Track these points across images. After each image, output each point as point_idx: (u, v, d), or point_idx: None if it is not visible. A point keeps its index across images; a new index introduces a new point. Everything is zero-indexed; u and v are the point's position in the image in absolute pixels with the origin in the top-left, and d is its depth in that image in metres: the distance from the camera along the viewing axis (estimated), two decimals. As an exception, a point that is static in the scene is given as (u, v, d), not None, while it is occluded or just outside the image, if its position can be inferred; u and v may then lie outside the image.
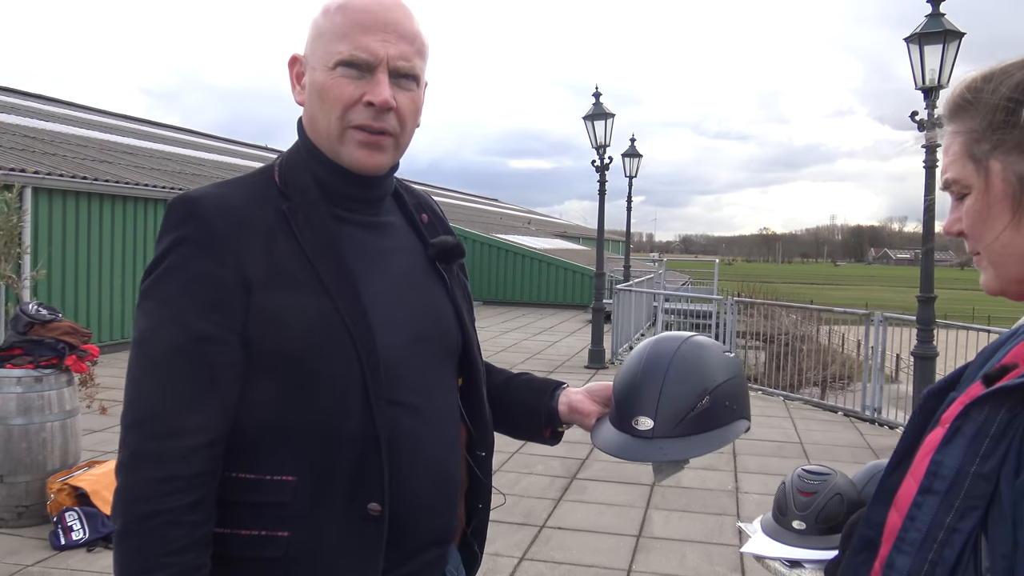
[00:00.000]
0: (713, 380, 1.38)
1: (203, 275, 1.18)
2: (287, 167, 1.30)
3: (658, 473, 1.46)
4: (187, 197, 1.23)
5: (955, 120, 0.96)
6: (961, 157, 0.95)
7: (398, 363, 1.26)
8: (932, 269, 7.45)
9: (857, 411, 8.63)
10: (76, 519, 4.43)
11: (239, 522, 1.21)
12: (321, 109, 1.26)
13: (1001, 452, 0.82)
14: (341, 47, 1.23)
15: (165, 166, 15.33)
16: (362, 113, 1.25)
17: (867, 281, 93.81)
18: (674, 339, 1.44)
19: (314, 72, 1.26)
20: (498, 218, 34.07)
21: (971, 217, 0.95)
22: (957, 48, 7.13)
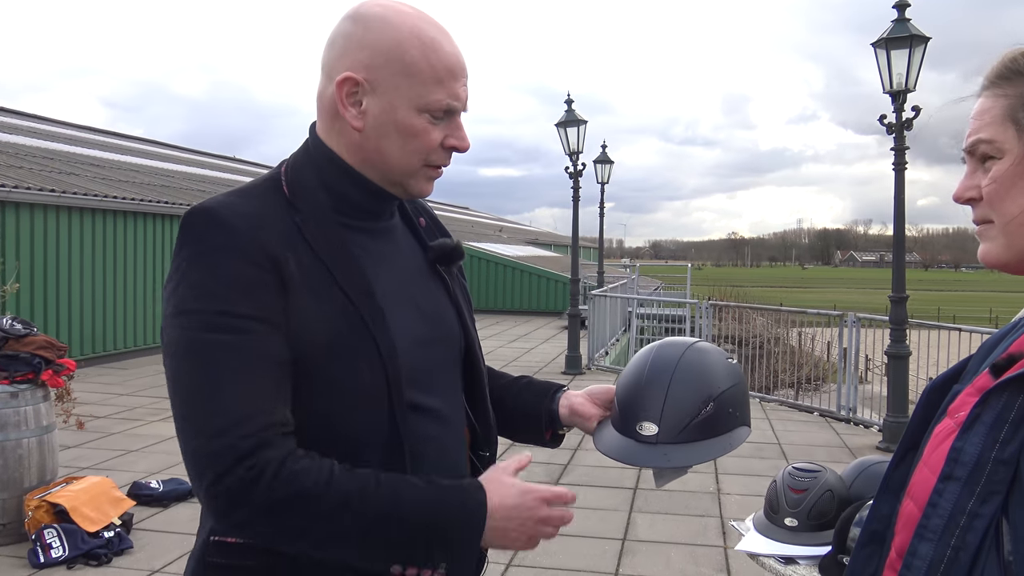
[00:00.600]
0: (717, 387, 1.39)
1: (242, 277, 1.16)
2: (295, 177, 1.29)
3: (659, 479, 1.47)
4: (204, 207, 1.21)
5: (1002, 84, 0.96)
6: (1002, 120, 0.94)
7: (413, 366, 1.27)
8: (904, 269, 7.57)
9: (832, 411, 8.73)
10: (55, 536, 4.36)
11: None
12: (402, 147, 1.26)
13: (1020, 437, 0.84)
14: (439, 95, 1.24)
15: (133, 178, 15.14)
16: (441, 155, 1.29)
17: (834, 283, 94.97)
18: (679, 345, 1.45)
19: (395, 109, 1.24)
20: (470, 226, 34.05)
21: (999, 182, 0.94)
22: (923, 52, 7.26)
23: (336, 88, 1.25)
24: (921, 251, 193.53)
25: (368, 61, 1.23)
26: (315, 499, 1.11)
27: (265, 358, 1.15)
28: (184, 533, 4.80)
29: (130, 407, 8.59)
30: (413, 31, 1.24)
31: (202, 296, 1.14)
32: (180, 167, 20.27)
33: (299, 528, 1.12)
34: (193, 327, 1.14)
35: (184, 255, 1.18)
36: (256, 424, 1.12)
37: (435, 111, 1.25)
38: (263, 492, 1.09)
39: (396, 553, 1.15)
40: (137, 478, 5.67)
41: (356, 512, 1.12)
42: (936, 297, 56.49)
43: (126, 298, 12.21)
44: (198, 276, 1.16)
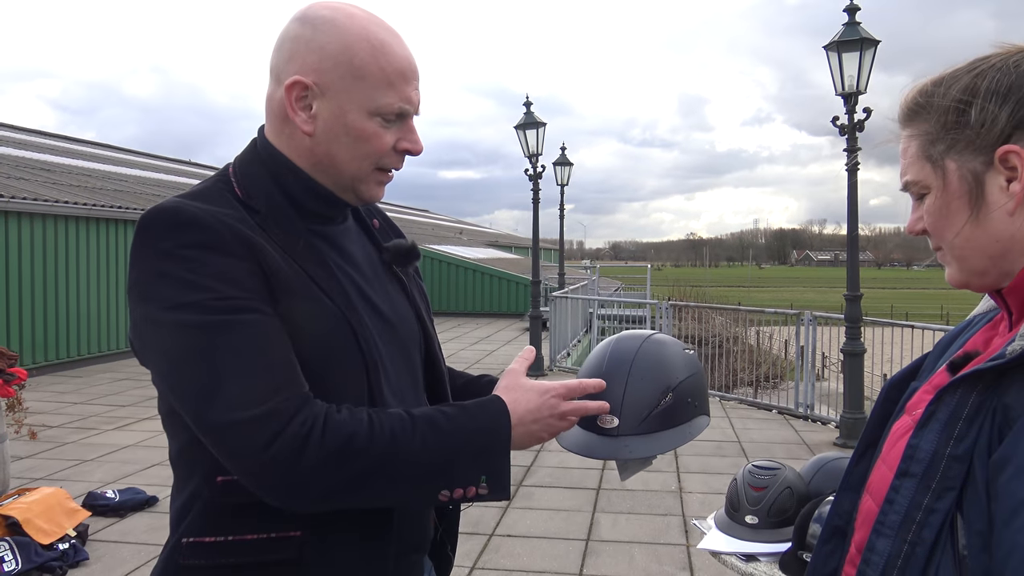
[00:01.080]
0: (675, 377, 1.40)
1: (226, 269, 1.13)
2: (246, 180, 1.28)
3: (623, 472, 1.47)
4: (167, 207, 1.18)
5: (910, 124, 1.01)
6: (918, 159, 0.99)
7: (383, 366, 1.27)
8: (857, 268, 7.71)
9: (791, 408, 8.86)
10: (7, 549, 4.24)
11: (248, 526, 1.18)
12: (353, 151, 1.25)
13: (974, 434, 0.86)
14: (389, 98, 1.23)
15: (84, 182, 14.84)
16: (394, 158, 1.29)
17: (791, 282, 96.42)
18: (636, 337, 1.46)
19: (345, 113, 1.23)
20: (430, 229, 33.96)
21: (932, 215, 0.99)
22: (873, 55, 7.41)
23: (285, 92, 1.23)
24: (874, 250, 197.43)
25: (317, 65, 1.22)
26: (365, 445, 1.11)
27: (279, 332, 1.14)
28: (141, 543, 4.71)
29: (84, 416, 8.41)
30: (362, 34, 1.23)
31: (193, 289, 1.12)
32: (133, 171, 19.92)
33: (355, 477, 1.11)
34: (197, 315, 1.11)
35: (153, 255, 1.15)
36: (293, 387, 1.12)
37: (386, 115, 1.25)
38: (316, 447, 1.09)
39: (443, 480, 1.16)
40: (92, 488, 5.55)
41: (404, 449, 1.13)
42: (889, 295, 57.70)
43: (79, 305, 11.96)
44: (180, 272, 1.13)
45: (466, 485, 1.17)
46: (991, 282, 0.99)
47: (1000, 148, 0.92)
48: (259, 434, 1.08)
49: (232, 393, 1.09)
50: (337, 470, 1.10)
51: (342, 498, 1.14)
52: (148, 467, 6.30)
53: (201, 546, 1.19)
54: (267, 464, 1.08)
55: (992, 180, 0.93)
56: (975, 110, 0.93)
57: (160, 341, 1.14)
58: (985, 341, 1.04)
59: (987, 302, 1.11)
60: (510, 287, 22.29)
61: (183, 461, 1.24)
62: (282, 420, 1.08)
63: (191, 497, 1.22)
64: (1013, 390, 0.84)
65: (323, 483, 1.10)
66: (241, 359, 1.10)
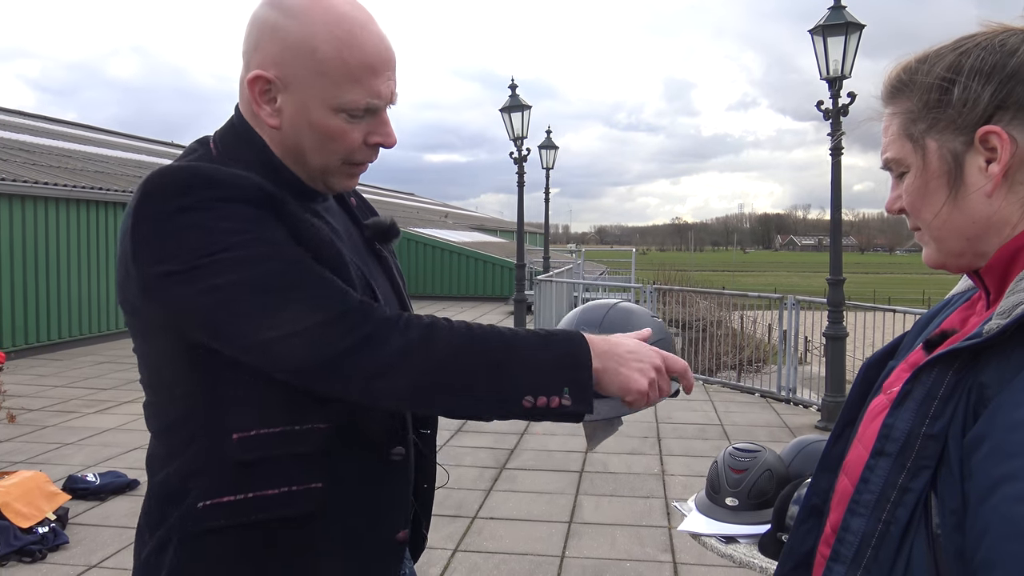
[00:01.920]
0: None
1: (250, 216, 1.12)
2: (228, 154, 1.24)
3: (590, 440, 1.47)
4: (180, 167, 1.16)
5: (892, 101, 1.00)
6: (899, 137, 0.98)
7: None
8: (841, 253, 7.75)
9: (773, 392, 8.92)
10: (-14, 534, 4.22)
11: (267, 481, 1.17)
12: (320, 147, 1.22)
13: (949, 413, 0.85)
14: (353, 95, 1.18)
15: (65, 163, 14.67)
16: (365, 152, 1.25)
17: (775, 267, 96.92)
18: (602, 305, 1.47)
19: (309, 109, 1.19)
20: (415, 212, 33.85)
21: (911, 195, 0.98)
22: (858, 40, 7.41)
23: (248, 86, 1.20)
24: (857, 235, 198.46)
25: (278, 58, 1.18)
26: (447, 336, 1.11)
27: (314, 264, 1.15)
28: (122, 527, 4.69)
29: (65, 399, 8.35)
30: (328, 25, 1.17)
31: (229, 233, 1.10)
32: (115, 152, 19.71)
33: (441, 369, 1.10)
34: (242, 251, 1.09)
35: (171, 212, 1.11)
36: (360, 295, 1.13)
37: (352, 111, 1.20)
38: (400, 334, 1.09)
39: (526, 381, 1.12)
40: (72, 471, 5.52)
41: (481, 345, 1.12)
42: (872, 280, 58.09)
43: (59, 287, 11.85)
44: (211, 222, 1.10)
45: (549, 393, 1.12)
46: (967, 263, 0.98)
47: (981, 128, 0.91)
48: (342, 327, 1.08)
49: (305, 300, 1.09)
50: (422, 357, 1.09)
51: (424, 391, 1.11)
52: (129, 450, 6.27)
53: (219, 507, 1.17)
54: (355, 351, 1.08)
55: (972, 161, 0.93)
56: (958, 88, 0.92)
57: (205, 287, 1.09)
58: (962, 320, 1.04)
59: (965, 282, 1.11)
60: (495, 271, 22.28)
61: (178, 431, 1.21)
62: (365, 313, 1.10)
63: (192, 464, 1.19)
64: (989, 369, 0.84)
65: (407, 369, 1.09)
66: (301, 276, 1.11)
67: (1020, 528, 0.73)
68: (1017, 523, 0.73)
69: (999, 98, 0.90)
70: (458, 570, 4.21)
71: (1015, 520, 0.73)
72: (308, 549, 1.19)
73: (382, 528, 1.25)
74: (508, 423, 7.25)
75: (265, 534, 1.18)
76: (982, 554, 0.76)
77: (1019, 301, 0.84)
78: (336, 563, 1.22)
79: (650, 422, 7.46)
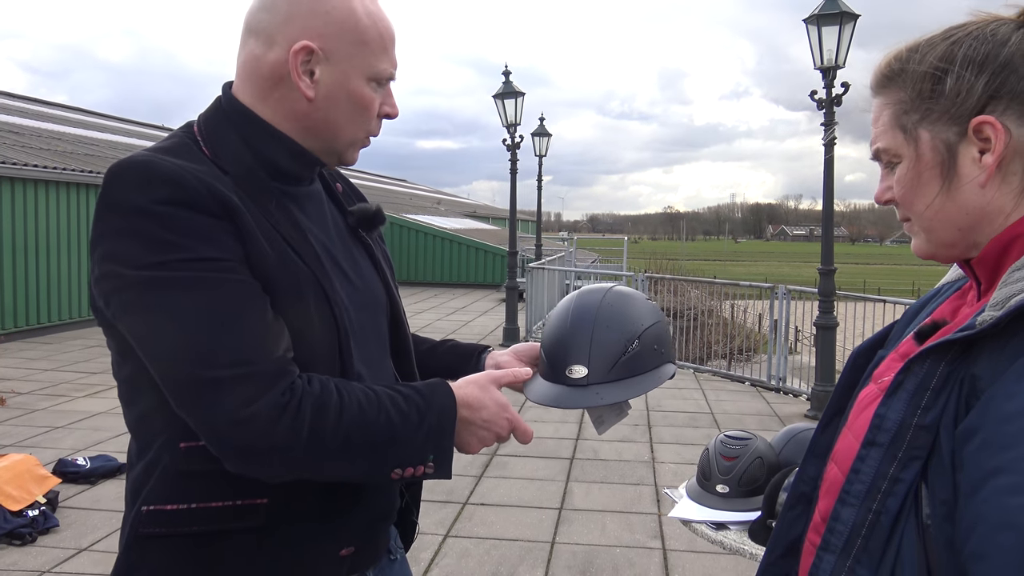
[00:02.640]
0: (641, 324, 1.41)
1: (200, 226, 1.10)
2: (213, 138, 1.24)
3: (599, 425, 1.48)
4: (137, 161, 1.14)
5: (883, 91, 0.99)
6: (891, 128, 0.98)
7: (354, 331, 1.26)
8: (832, 243, 7.76)
9: (763, 381, 8.96)
10: (-24, 516, 4.21)
11: (213, 493, 1.17)
12: (351, 117, 1.25)
13: (941, 404, 0.85)
14: (384, 64, 1.25)
15: (55, 146, 14.57)
16: (376, 124, 1.29)
17: (766, 257, 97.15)
18: (598, 290, 1.46)
19: (348, 79, 1.22)
20: (407, 199, 33.76)
21: (903, 186, 0.98)
22: (853, 29, 7.41)
23: (292, 56, 1.20)
24: (848, 225, 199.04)
25: (323, 29, 1.20)
26: (336, 421, 1.11)
27: (259, 295, 1.12)
28: (112, 510, 4.69)
29: (55, 383, 8.33)
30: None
31: (169, 248, 1.08)
32: (105, 135, 19.58)
33: (321, 451, 1.10)
34: (174, 272, 1.08)
35: (124, 210, 1.10)
36: (274, 353, 1.10)
37: (381, 79, 1.25)
38: (292, 417, 1.08)
39: (397, 458, 1.16)
40: (63, 455, 5.51)
41: (370, 427, 1.13)
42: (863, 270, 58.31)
43: (49, 270, 11.78)
44: (155, 230, 1.09)
45: (416, 464, 1.17)
46: (958, 253, 0.99)
47: (974, 119, 0.91)
48: (237, 395, 1.05)
49: (211, 351, 1.06)
50: (307, 441, 1.08)
51: (303, 470, 1.12)
52: (119, 435, 6.26)
53: (162, 514, 1.17)
54: (239, 427, 1.05)
55: (965, 151, 0.92)
56: (951, 78, 0.92)
57: (134, 299, 1.10)
58: (953, 310, 1.04)
59: (955, 271, 1.11)
60: (487, 258, 22.26)
61: (143, 428, 1.22)
62: (262, 385, 1.06)
63: (151, 464, 1.19)
64: (982, 361, 0.83)
65: (290, 453, 1.09)
66: (221, 319, 1.08)
67: (1011, 520, 0.73)
68: (1009, 515, 0.73)
69: (992, 88, 0.90)
70: (449, 555, 4.23)
71: (1007, 512, 0.74)
72: (249, 564, 1.18)
73: (326, 545, 1.23)
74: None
75: (206, 546, 1.17)
76: (973, 545, 0.76)
77: (1012, 293, 0.84)
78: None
79: (641, 410, 7.49)
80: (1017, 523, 0.72)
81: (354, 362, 1.24)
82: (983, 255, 0.95)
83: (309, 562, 1.22)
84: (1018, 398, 0.78)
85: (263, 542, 1.18)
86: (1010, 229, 0.92)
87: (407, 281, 21.79)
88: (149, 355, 1.11)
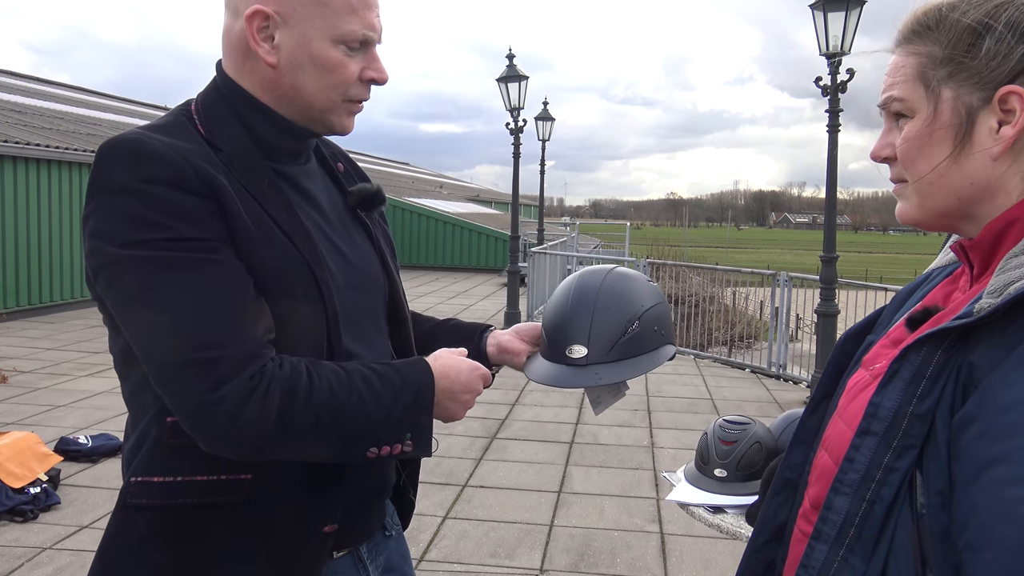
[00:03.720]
0: (641, 306, 1.41)
1: (185, 205, 1.11)
2: (209, 116, 1.24)
3: (596, 405, 1.48)
4: (126, 139, 1.14)
5: (913, 41, 0.95)
6: (913, 78, 0.94)
7: (344, 312, 1.26)
8: (835, 231, 7.75)
9: (763, 368, 8.97)
10: (-22, 493, 4.24)
11: (197, 467, 1.17)
12: (319, 82, 1.22)
13: (937, 392, 0.84)
14: (353, 25, 1.21)
15: (57, 125, 14.54)
16: (361, 89, 1.26)
17: (768, 244, 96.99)
18: (600, 271, 1.47)
19: (309, 41, 1.20)
20: (410, 182, 33.69)
21: (909, 141, 0.94)
22: (859, 16, 7.36)
23: (246, 22, 1.20)
24: (852, 214, 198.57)
25: None
26: (305, 403, 1.11)
27: (240, 277, 1.13)
28: (113, 488, 4.71)
29: (57, 361, 8.35)
30: None
31: (151, 227, 1.09)
32: (108, 115, 19.53)
33: (292, 433, 1.11)
34: (153, 252, 1.09)
35: (110, 188, 1.11)
36: (248, 335, 1.10)
37: (351, 42, 1.22)
38: (260, 400, 1.08)
39: (372, 437, 1.17)
40: (65, 433, 5.53)
41: (340, 408, 1.13)
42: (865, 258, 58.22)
43: (51, 249, 11.79)
44: (138, 209, 1.10)
45: (393, 442, 1.18)
46: (948, 224, 0.96)
47: (1003, 87, 0.88)
48: (206, 378, 1.07)
49: (185, 333, 1.07)
50: (276, 423, 1.10)
51: (275, 451, 1.13)
52: (121, 414, 6.25)
53: (149, 485, 1.19)
54: (208, 409, 1.07)
55: (984, 119, 0.90)
56: (990, 39, 0.89)
57: (115, 277, 1.11)
58: (944, 296, 1.02)
59: (945, 255, 1.09)
60: (489, 242, 22.24)
61: (135, 401, 1.23)
62: (231, 368, 1.07)
63: (141, 436, 1.21)
64: (979, 349, 0.82)
65: (259, 436, 1.10)
66: (198, 300, 1.09)
67: (1010, 510, 0.72)
68: (1007, 505, 0.72)
69: None
70: (447, 536, 4.26)
71: (1005, 502, 0.73)
72: (232, 538, 1.19)
73: (310, 521, 1.24)
74: (500, 393, 7.29)
75: (190, 519, 1.18)
76: (970, 535, 0.75)
77: (1011, 280, 0.82)
78: (259, 553, 1.21)
79: (641, 396, 7.50)
80: (1015, 514, 0.72)
81: (343, 341, 1.24)
82: (979, 239, 0.93)
83: (292, 537, 1.23)
84: (1016, 387, 0.76)
85: (247, 517, 1.19)
86: (1008, 213, 0.90)
87: (409, 265, 21.78)
88: (128, 332, 1.13)
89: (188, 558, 1.19)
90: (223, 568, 1.20)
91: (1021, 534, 0.71)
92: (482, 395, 1.45)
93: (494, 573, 3.87)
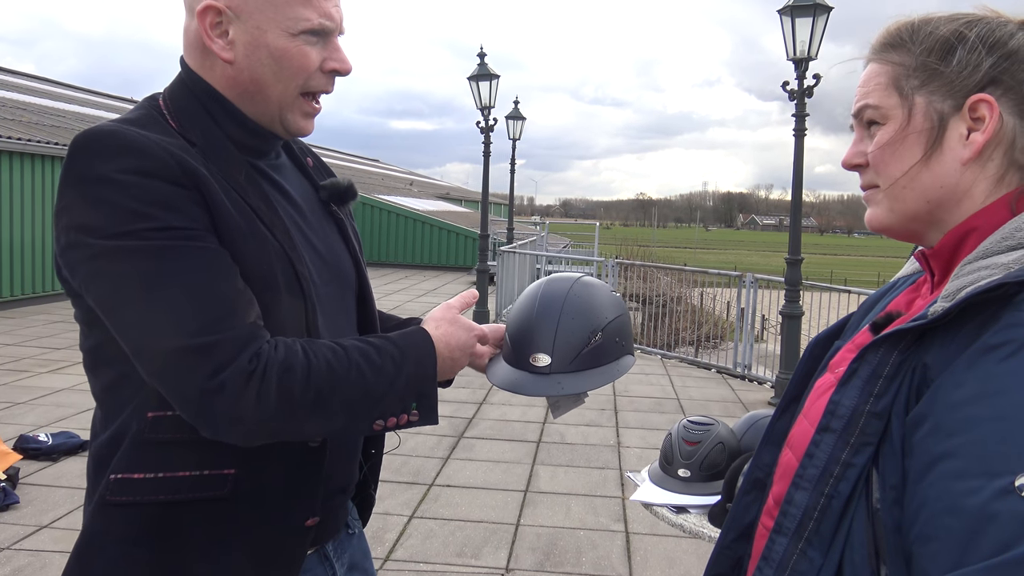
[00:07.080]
0: (604, 318, 1.43)
1: (167, 195, 1.09)
2: (179, 111, 1.23)
3: (555, 410, 1.50)
4: (103, 130, 1.13)
5: (886, 54, 1.00)
6: (887, 86, 0.98)
7: (320, 307, 1.26)
8: (800, 233, 7.85)
9: (729, 368, 9.06)
10: (-66, 492, 4.16)
11: (180, 463, 1.17)
12: (278, 75, 1.21)
13: (893, 391, 0.87)
14: (307, 13, 1.19)
15: (20, 116, 14.27)
16: (322, 80, 1.25)
17: (736, 245, 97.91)
18: (566, 279, 1.48)
19: (263, 33, 1.18)
20: (380, 179, 33.54)
21: (883, 147, 0.98)
22: (826, 21, 7.47)
23: (198, 19, 1.19)
24: (818, 216, 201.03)
25: None
26: (304, 379, 1.11)
27: (226, 263, 1.12)
28: (74, 488, 4.64)
29: (16, 358, 8.20)
30: None
31: (135, 217, 1.08)
32: (72, 107, 19.21)
33: (294, 411, 1.11)
34: (140, 241, 1.07)
35: (89, 179, 1.09)
36: (242, 319, 1.10)
37: (307, 31, 1.20)
38: (259, 382, 1.08)
39: (377, 409, 1.17)
40: (24, 431, 5.44)
41: (340, 382, 1.13)
42: (830, 261, 59.02)
43: (11, 244, 11.57)
44: (121, 199, 1.08)
45: (399, 413, 1.19)
46: (916, 229, 1.00)
47: (973, 96, 0.93)
48: (205, 365, 1.06)
49: (179, 320, 1.06)
50: (277, 404, 1.09)
51: (279, 431, 1.13)
52: (82, 411, 6.19)
53: (130, 482, 1.17)
54: (208, 398, 1.06)
55: (954, 126, 0.94)
56: (961, 50, 0.94)
57: (101, 269, 1.09)
58: (907, 303, 1.06)
59: (911, 265, 1.13)
60: (459, 240, 22.21)
61: (110, 397, 1.22)
62: (229, 354, 1.07)
63: (118, 433, 1.19)
64: (933, 350, 0.85)
65: (262, 417, 1.09)
66: (188, 287, 1.08)
67: (956, 504, 0.75)
68: (954, 499, 0.75)
69: (997, 71, 0.92)
70: (414, 536, 4.25)
71: (952, 495, 0.75)
72: (215, 532, 1.19)
73: (292, 515, 1.24)
74: (467, 392, 7.30)
75: (172, 515, 1.18)
76: (919, 528, 0.78)
77: (963, 285, 0.86)
78: (242, 548, 1.21)
79: (608, 395, 7.55)
80: (961, 507, 0.74)
81: (320, 335, 1.25)
82: (939, 247, 0.97)
83: (275, 532, 1.23)
84: (966, 386, 0.80)
85: (229, 512, 1.19)
86: (967, 221, 0.94)
87: (378, 262, 21.70)
88: (117, 325, 1.11)
89: (170, 554, 1.18)
90: (206, 563, 1.19)
91: (965, 525, 0.73)
92: (448, 395, 1.44)
93: (460, 573, 3.87)
